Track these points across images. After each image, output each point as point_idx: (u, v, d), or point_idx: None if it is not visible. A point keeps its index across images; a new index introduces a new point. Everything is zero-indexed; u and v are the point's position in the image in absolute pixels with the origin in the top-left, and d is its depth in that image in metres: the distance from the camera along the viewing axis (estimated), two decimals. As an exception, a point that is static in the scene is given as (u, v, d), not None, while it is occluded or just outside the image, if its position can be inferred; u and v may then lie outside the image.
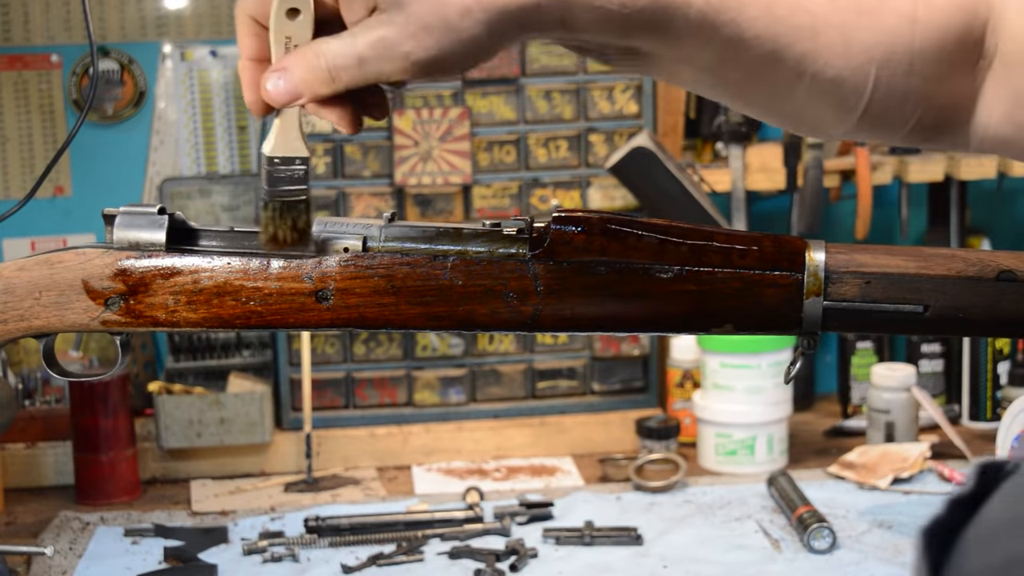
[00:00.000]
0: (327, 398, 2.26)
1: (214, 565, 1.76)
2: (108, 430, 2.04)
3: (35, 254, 1.08)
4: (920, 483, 2.01)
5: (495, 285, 1.03)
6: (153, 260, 1.05)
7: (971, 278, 1.01)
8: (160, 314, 1.05)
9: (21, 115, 2.34)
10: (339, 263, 1.04)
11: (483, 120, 2.24)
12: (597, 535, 1.82)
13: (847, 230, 2.40)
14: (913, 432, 2.16)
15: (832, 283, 1.01)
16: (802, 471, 2.09)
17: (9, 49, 2.32)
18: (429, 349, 2.28)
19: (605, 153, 2.25)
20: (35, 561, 1.77)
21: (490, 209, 2.25)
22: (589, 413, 2.28)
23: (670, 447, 2.14)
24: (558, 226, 1.02)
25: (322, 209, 2.22)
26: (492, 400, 2.29)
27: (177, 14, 2.36)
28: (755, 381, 2.11)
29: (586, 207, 2.26)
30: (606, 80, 2.25)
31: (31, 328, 1.07)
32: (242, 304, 1.05)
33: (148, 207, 1.07)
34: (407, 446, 2.23)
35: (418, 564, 1.77)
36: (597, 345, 2.29)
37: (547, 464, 2.20)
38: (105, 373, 1.14)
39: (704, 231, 1.03)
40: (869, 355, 2.38)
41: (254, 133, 2.37)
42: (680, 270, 1.02)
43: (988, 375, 2.31)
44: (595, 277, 1.02)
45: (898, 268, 1.01)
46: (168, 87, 2.36)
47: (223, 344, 2.28)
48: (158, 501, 2.07)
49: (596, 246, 1.02)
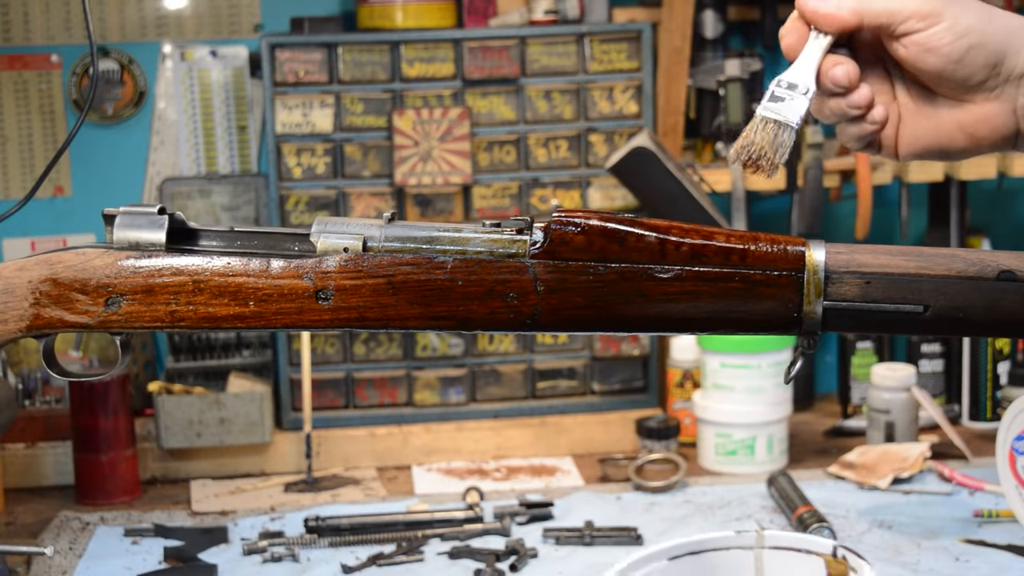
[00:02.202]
0: (327, 398, 2.26)
1: (214, 565, 1.76)
2: (108, 430, 2.04)
3: (35, 254, 1.08)
4: (920, 483, 2.01)
5: (495, 285, 1.03)
6: (153, 260, 1.05)
7: (971, 278, 1.01)
8: (160, 314, 1.05)
9: (21, 115, 2.34)
10: (339, 263, 1.04)
11: (483, 120, 2.24)
12: (597, 535, 1.82)
13: (847, 230, 2.40)
14: (913, 432, 2.16)
15: (832, 283, 1.01)
16: (802, 471, 2.09)
17: (9, 49, 2.32)
18: (429, 349, 2.28)
19: (605, 153, 2.25)
20: (35, 561, 1.77)
21: (490, 209, 2.26)
22: (589, 413, 2.28)
23: (670, 447, 2.14)
24: (558, 226, 1.02)
25: (322, 209, 2.23)
26: (492, 400, 2.29)
27: (177, 14, 2.36)
28: (755, 381, 2.11)
29: (586, 207, 2.26)
30: (606, 80, 2.25)
31: (31, 328, 1.07)
32: (242, 304, 1.05)
33: (148, 207, 1.07)
34: (407, 446, 2.23)
35: (418, 564, 1.77)
36: (597, 345, 2.29)
37: (547, 464, 2.20)
38: (105, 373, 1.14)
39: (704, 231, 1.03)
40: (869, 355, 2.38)
41: (254, 133, 2.38)
42: (680, 270, 1.02)
43: (988, 375, 2.31)
44: (595, 277, 1.02)
45: (898, 268, 1.01)
46: (168, 87, 2.36)
47: (223, 344, 2.28)
48: (158, 501, 2.07)
49: (596, 246, 1.02)
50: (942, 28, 1.04)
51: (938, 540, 1.80)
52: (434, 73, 2.22)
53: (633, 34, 2.25)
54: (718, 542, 1.16)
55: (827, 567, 1.14)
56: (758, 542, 1.16)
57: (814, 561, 1.15)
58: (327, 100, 2.21)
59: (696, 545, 1.15)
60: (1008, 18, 1.06)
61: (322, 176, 2.22)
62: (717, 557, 1.17)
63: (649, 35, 2.25)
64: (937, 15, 1.04)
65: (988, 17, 1.05)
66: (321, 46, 2.20)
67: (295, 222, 2.23)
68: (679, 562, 1.16)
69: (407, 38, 2.21)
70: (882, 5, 1.05)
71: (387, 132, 2.22)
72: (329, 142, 2.22)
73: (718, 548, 1.16)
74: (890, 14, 1.05)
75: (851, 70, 1.06)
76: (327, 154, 2.22)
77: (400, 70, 2.21)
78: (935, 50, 1.05)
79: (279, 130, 2.20)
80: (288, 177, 2.22)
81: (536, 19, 2.25)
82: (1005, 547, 1.77)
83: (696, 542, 1.15)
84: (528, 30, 2.23)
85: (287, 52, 2.19)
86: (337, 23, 2.24)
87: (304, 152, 2.21)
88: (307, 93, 2.20)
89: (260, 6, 2.37)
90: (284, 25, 2.30)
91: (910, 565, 1.72)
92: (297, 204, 2.22)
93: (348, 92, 2.21)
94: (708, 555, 1.17)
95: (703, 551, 1.17)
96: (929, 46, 1.05)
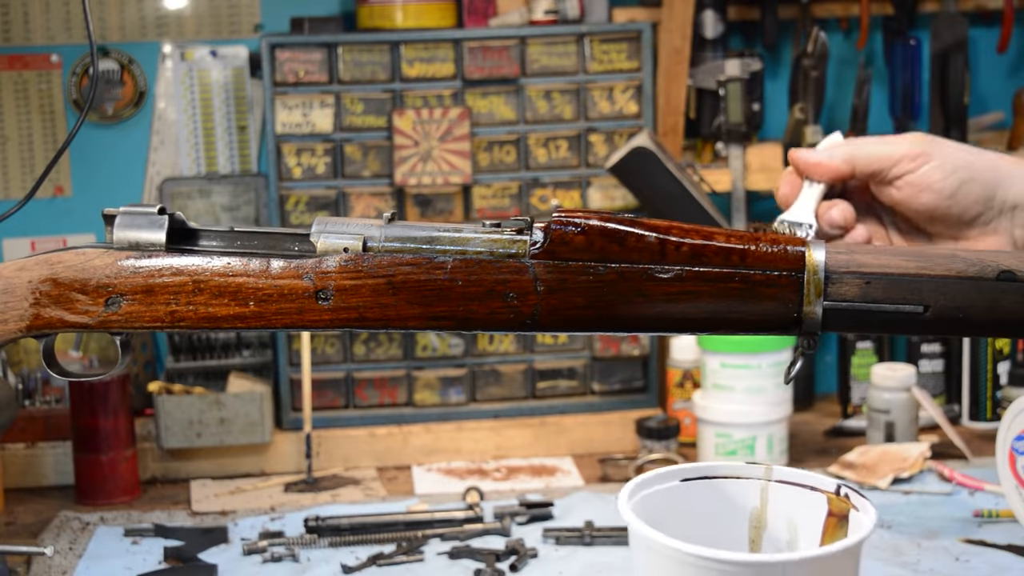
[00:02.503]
0: (327, 398, 2.26)
1: (214, 565, 1.76)
2: (108, 430, 2.04)
3: (35, 254, 1.08)
4: (920, 483, 2.01)
5: (495, 285, 1.03)
6: (153, 260, 1.05)
7: (971, 278, 1.01)
8: (160, 314, 1.05)
9: (21, 115, 2.34)
10: (339, 263, 1.04)
11: (483, 120, 2.24)
12: (597, 535, 1.82)
13: (847, 230, 2.40)
14: (913, 432, 2.16)
15: (832, 283, 1.01)
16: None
17: (9, 49, 2.32)
18: (429, 349, 2.28)
19: (605, 153, 2.25)
20: (35, 561, 1.77)
21: (490, 209, 2.26)
22: (589, 413, 2.28)
23: (670, 447, 2.14)
24: (558, 226, 1.03)
25: (322, 209, 2.23)
26: (492, 400, 2.29)
27: (177, 14, 2.36)
28: (755, 381, 2.11)
29: (586, 207, 2.26)
30: (606, 80, 2.25)
31: (31, 328, 1.07)
32: (242, 304, 1.05)
33: (148, 207, 1.07)
34: (407, 446, 2.23)
35: (418, 564, 1.77)
36: (597, 345, 2.29)
37: (547, 464, 2.20)
38: (105, 373, 1.14)
39: (704, 231, 1.03)
40: (869, 355, 2.38)
41: (254, 133, 2.37)
42: (680, 270, 1.02)
43: (988, 375, 2.31)
44: (595, 277, 1.02)
45: (898, 268, 1.01)
46: (168, 87, 2.36)
47: (223, 344, 2.28)
48: (158, 501, 2.07)
49: (596, 246, 1.02)
50: (932, 167, 1.10)
51: (938, 540, 1.80)
52: (434, 73, 2.22)
53: (633, 34, 2.25)
54: (729, 470, 1.24)
55: (829, 503, 1.20)
56: (766, 475, 1.23)
57: (817, 497, 1.21)
58: (327, 100, 2.21)
59: (708, 470, 1.24)
60: (992, 156, 1.12)
61: (322, 176, 2.22)
62: (726, 484, 1.24)
63: (649, 35, 2.25)
64: (926, 155, 1.10)
65: (974, 155, 1.11)
66: (321, 46, 2.20)
67: (295, 222, 2.23)
68: (690, 484, 1.23)
69: (407, 38, 2.21)
70: (873, 151, 1.11)
71: (387, 132, 2.22)
72: (329, 142, 2.22)
73: (728, 476, 1.23)
74: (881, 159, 1.11)
75: (847, 210, 1.12)
76: (327, 154, 2.22)
77: (400, 70, 2.21)
78: (929, 187, 1.10)
79: (279, 130, 2.20)
80: (288, 177, 2.22)
81: (536, 19, 2.25)
82: (1005, 547, 1.77)
83: (708, 467, 1.24)
84: (528, 30, 2.23)
85: (287, 52, 2.19)
86: (337, 23, 2.24)
87: (304, 152, 2.22)
88: (307, 93, 2.20)
89: (260, 6, 2.37)
90: (284, 25, 2.31)
91: (910, 565, 1.72)
92: (297, 204, 2.22)
93: (348, 92, 2.21)
94: (718, 482, 1.24)
95: (714, 477, 1.24)
96: (923, 185, 1.10)
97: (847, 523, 1.19)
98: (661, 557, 1.11)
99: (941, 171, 1.10)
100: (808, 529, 1.22)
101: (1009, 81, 2.55)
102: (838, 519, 1.20)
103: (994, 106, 2.54)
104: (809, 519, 1.22)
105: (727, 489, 1.24)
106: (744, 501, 1.24)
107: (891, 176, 1.12)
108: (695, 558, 1.08)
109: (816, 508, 1.21)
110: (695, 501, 1.22)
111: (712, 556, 1.08)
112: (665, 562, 1.10)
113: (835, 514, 1.20)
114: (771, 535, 1.24)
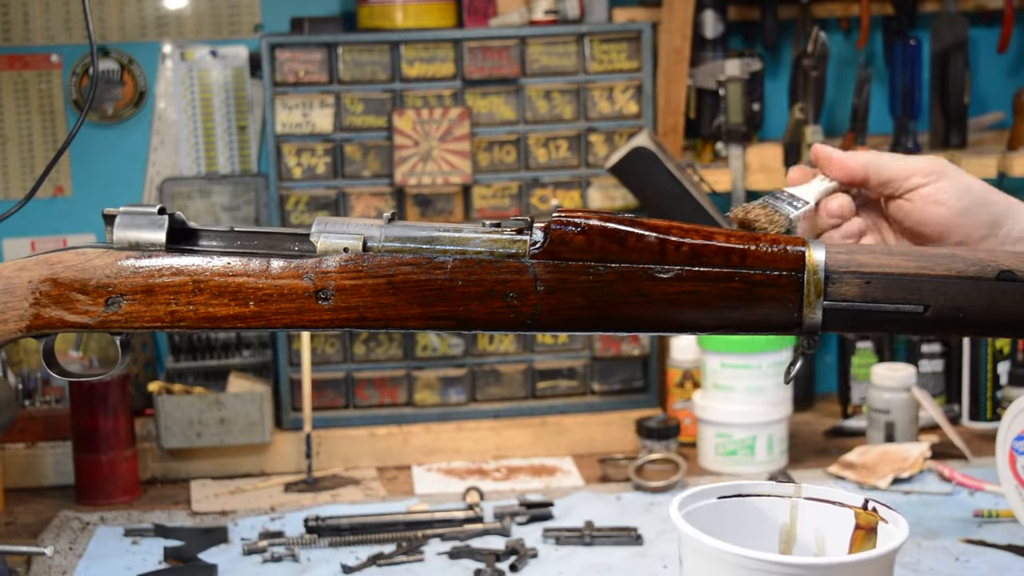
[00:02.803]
0: (327, 398, 2.26)
1: (214, 565, 1.76)
2: (108, 430, 2.04)
3: (35, 254, 1.08)
4: (920, 483, 2.01)
5: (495, 285, 1.03)
6: (153, 260, 1.05)
7: (971, 278, 1.01)
8: (160, 314, 1.05)
9: (21, 115, 2.34)
10: (339, 263, 1.04)
11: (483, 120, 2.24)
12: (597, 535, 1.82)
13: (847, 230, 2.40)
14: (913, 432, 2.16)
15: (832, 283, 1.01)
16: (802, 471, 2.09)
17: (9, 49, 2.32)
18: (429, 349, 2.28)
19: (605, 153, 2.25)
20: (35, 561, 1.77)
21: (490, 209, 2.25)
22: (589, 413, 2.28)
23: (670, 447, 2.14)
24: (558, 226, 1.02)
25: (322, 209, 2.23)
26: (492, 400, 2.29)
27: (177, 14, 2.36)
28: (755, 381, 2.11)
29: (586, 207, 2.26)
30: (606, 80, 2.25)
31: (31, 328, 1.07)
32: (242, 304, 1.05)
33: (148, 207, 1.07)
34: (407, 446, 2.23)
35: (418, 564, 1.77)
36: (597, 345, 2.29)
37: (547, 464, 2.20)
38: (105, 373, 1.14)
39: (704, 231, 1.03)
40: (869, 355, 2.38)
41: (254, 133, 2.37)
42: (680, 270, 1.02)
43: (988, 375, 2.31)
44: (595, 277, 1.02)
45: (898, 268, 1.02)
46: (168, 87, 2.36)
47: (223, 344, 2.28)
48: (158, 501, 2.07)
49: (596, 246, 1.02)
50: (946, 184, 1.14)
51: (938, 540, 1.80)
52: (434, 73, 2.22)
53: (633, 34, 2.25)
54: (760, 488, 1.30)
55: (856, 517, 1.25)
56: (796, 493, 1.29)
57: (844, 512, 1.26)
58: (327, 100, 2.21)
59: (741, 488, 1.30)
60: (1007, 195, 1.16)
61: (322, 176, 2.22)
62: (759, 502, 1.30)
63: (649, 35, 2.25)
64: (940, 173, 1.14)
65: (989, 188, 1.15)
66: (321, 46, 2.20)
67: (295, 222, 2.23)
68: (726, 501, 1.29)
69: (407, 38, 2.21)
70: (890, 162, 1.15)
71: (387, 132, 2.22)
72: (329, 142, 2.22)
73: (760, 494, 1.30)
74: (897, 169, 1.14)
75: (845, 203, 1.15)
76: (327, 154, 2.22)
77: (400, 70, 2.21)
78: (940, 202, 1.13)
79: (279, 130, 2.20)
80: (288, 177, 2.22)
81: (536, 19, 2.25)
82: (1005, 547, 1.77)
83: (741, 485, 1.30)
84: (528, 30, 2.23)
85: (287, 52, 2.19)
86: (337, 23, 2.24)
87: (304, 152, 2.21)
88: (307, 93, 2.20)
89: (260, 6, 2.37)
90: (284, 25, 2.31)
91: (910, 565, 1.72)
92: (297, 204, 2.22)
93: (348, 92, 2.21)
94: (751, 499, 1.30)
95: (747, 495, 1.30)
96: (935, 199, 1.13)
97: (875, 535, 1.23)
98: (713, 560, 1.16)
99: (954, 190, 1.13)
100: (835, 542, 1.26)
101: (1009, 81, 2.55)
102: (866, 532, 1.24)
103: (994, 106, 2.54)
104: (837, 533, 1.26)
105: (759, 506, 1.29)
106: (775, 517, 1.28)
107: (904, 188, 1.14)
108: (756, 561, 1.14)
109: (843, 522, 1.25)
110: (730, 517, 1.28)
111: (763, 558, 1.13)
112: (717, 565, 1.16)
113: (863, 527, 1.24)
114: (800, 548, 1.28)
